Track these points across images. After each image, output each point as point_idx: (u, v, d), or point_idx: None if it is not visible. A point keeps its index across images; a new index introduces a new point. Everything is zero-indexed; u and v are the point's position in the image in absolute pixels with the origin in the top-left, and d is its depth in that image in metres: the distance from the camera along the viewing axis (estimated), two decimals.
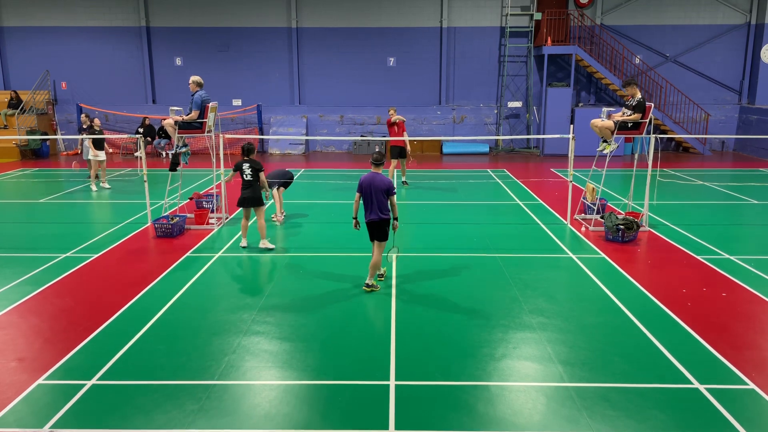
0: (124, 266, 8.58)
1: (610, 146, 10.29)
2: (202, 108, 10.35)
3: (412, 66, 21.78)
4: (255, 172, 9.08)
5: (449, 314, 6.89)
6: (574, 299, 7.32)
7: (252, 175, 9.07)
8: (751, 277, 8.05)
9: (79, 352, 5.90)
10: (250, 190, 9.11)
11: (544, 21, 20.46)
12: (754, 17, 20.92)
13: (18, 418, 4.79)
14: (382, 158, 7.46)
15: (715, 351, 5.89)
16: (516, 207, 12.47)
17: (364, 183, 7.36)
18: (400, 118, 13.85)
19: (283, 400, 5.05)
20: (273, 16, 21.48)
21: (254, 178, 9.08)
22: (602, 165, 11.13)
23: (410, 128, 21.98)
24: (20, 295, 7.40)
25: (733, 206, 12.56)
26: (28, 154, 19.98)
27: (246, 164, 9.11)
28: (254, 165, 9.11)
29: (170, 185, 11.88)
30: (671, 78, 21.15)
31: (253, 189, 9.12)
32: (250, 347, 6.02)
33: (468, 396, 5.10)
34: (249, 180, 9.08)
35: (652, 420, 4.73)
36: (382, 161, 7.47)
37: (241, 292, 7.53)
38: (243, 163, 9.14)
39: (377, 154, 7.44)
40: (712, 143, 22.00)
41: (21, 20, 21.51)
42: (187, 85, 10.83)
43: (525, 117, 22.04)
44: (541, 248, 9.49)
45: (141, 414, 4.82)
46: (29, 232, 10.67)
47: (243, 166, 9.11)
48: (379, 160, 7.42)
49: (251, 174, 9.07)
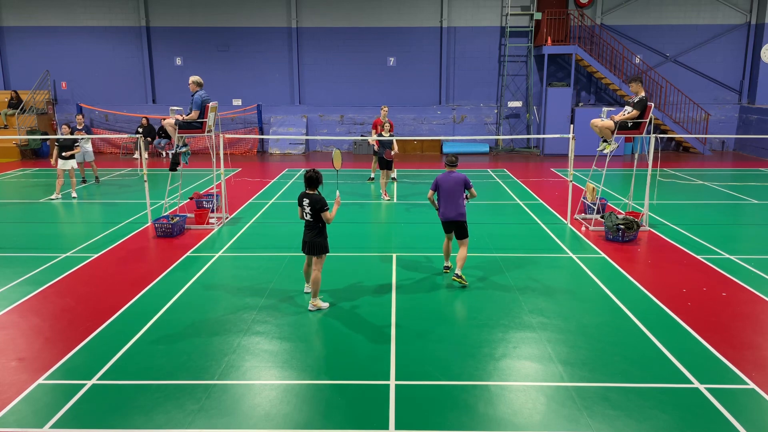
0: (124, 266, 8.58)
1: (610, 146, 10.28)
2: (202, 108, 10.36)
3: (412, 66, 21.78)
4: (316, 214, 6.74)
5: (449, 314, 6.89)
6: (574, 299, 7.32)
7: (312, 215, 6.77)
8: (751, 277, 8.05)
9: (79, 352, 5.90)
10: (309, 234, 6.86)
11: (544, 21, 20.46)
12: (754, 17, 20.92)
13: (18, 417, 4.79)
14: (456, 159, 8.03)
15: (715, 351, 5.89)
16: (516, 207, 12.47)
17: (442, 179, 7.83)
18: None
19: (283, 400, 5.05)
20: (273, 16, 21.48)
21: (314, 218, 6.78)
22: (602, 165, 11.13)
23: (410, 128, 22.03)
24: (20, 295, 7.41)
25: (733, 206, 12.55)
26: (28, 154, 19.99)
27: (306, 200, 6.78)
28: (315, 204, 6.69)
29: (170, 185, 11.89)
30: (671, 78, 21.15)
31: (312, 232, 6.84)
32: (250, 347, 6.02)
33: (468, 396, 5.10)
34: (309, 221, 6.85)
35: (652, 420, 4.73)
36: (457, 163, 8.00)
37: (241, 292, 7.53)
38: (303, 197, 6.83)
39: (453, 157, 7.99)
40: (712, 143, 22.00)
41: (21, 20, 21.51)
42: (187, 85, 10.83)
43: (525, 117, 22.04)
44: (541, 248, 9.49)
45: (141, 414, 4.83)
46: (29, 232, 10.67)
47: (303, 202, 6.82)
48: (454, 162, 7.97)
49: (311, 214, 6.77)
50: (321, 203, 6.67)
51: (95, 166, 15.28)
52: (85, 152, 14.61)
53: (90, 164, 15.04)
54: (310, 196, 6.73)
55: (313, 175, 6.74)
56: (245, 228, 10.71)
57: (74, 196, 13.35)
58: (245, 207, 12.41)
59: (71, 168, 13.41)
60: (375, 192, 13.68)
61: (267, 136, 18.11)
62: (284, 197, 13.50)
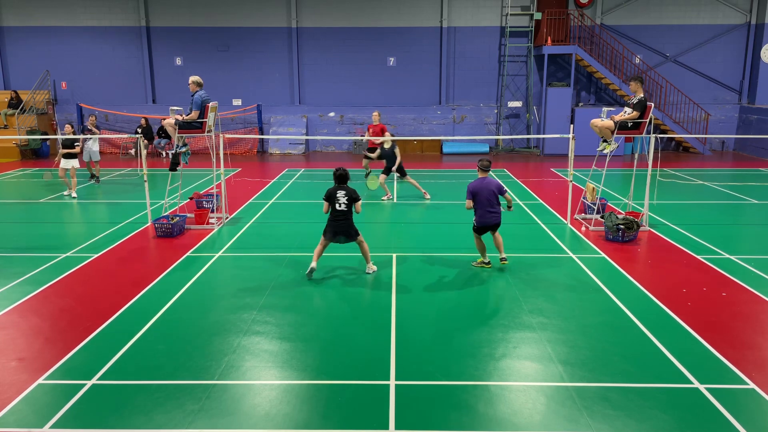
0: (124, 266, 8.58)
1: (610, 146, 10.28)
2: (202, 108, 10.36)
3: (412, 66, 21.78)
4: (351, 201, 7.89)
5: (449, 314, 6.89)
6: (574, 299, 7.32)
7: (348, 204, 7.87)
8: (751, 276, 8.05)
9: (79, 352, 5.90)
10: (344, 223, 7.90)
11: (544, 21, 20.46)
12: (754, 17, 20.92)
13: (18, 417, 4.78)
14: (490, 164, 8.17)
15: (715, 351, 5.89)
16: (516, 207, 12.45)
17: (478, 187, 7.99)
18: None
19: (283, 400, 5.05)
20: (273, 16, 21.48)
21: (350, 207, 7.92)
22: (602, 165, 11.13)
23: (410, 128, 22.03)
24: (20, 295, 7.40)
25: (733, 206, 12.55)
26: (28, 154, 19.99)
27: (341, 192, 7.87)
28: (352, 194, 7.91)
29: (170, 185, 11.89)
30: (671, 78, 21.15)
31: (347, 221, 7.92)
32: (250, 347, 6.02)
33: (468, 396, 5.10)
34: (344, 210, 7.88)
35: (653, 420, 4.73)
36: (490, 167, 8.15)
37: (241, 292, 7.53)
38: (337, 191, 7.88)
39: (486, 161, 8.13)
40: (712, 143, 22.00)
41: (21, 20, 21.51)
42: (186, 85, 10.83)
43: (525, 117, 22.04)
44: (541, 248, 9.49)
45: (141, 414, 4.82)
46: (29, 232, 10.67)
47: (338, 194, 7.86)
48: (487, 166, 8.11)
49: (347, 204, 7.87)
50: (356, 194, 7.95)
51: (98, 167, 15.41)
52: (92, 152, 14.87)
53: (95, 164, 15.20)
54: (346, 189, 7.90)
55: (344, 172, 7.96)
56: (245, 228, 10.71)
57: (74, 196, 13.37)
58: (245, 207, 12.41)
59: (72, 167, 13.46)
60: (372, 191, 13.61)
61: (267, 136, 18.12)
62: (284, 197, 13.51)
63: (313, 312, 6.95)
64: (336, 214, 7.88)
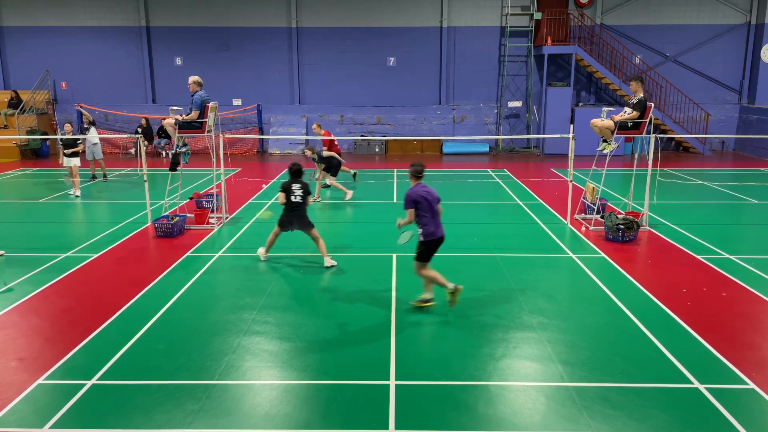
0: (124, 266, 8.58)
1: (610, 146, 10.28)
2: (202, 108, 10.36)
3: (412, 66, 21.78)
4: (305, 195, 8.55)
5: (449, 314, 6.89)
6: (574, 299, 7.32)
7: (302, 197, 8.52)
8: (751, 277, 8.05)
9: (79, 352, 5.90)
10: (297, 213, 8.54)
11: (544, 21, 20.46)
12: (754, 17, 20.92)
13: (18, 417, 4.79)
14: (423, 168, 6.90)
15: (715, 351, 5.89)
16: (516, 207, 12.47)
17: (425, 196, 6.67)
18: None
19: (283, 400, 5.05)
20: (273, 16, 21.48)
21: (304, 200, 8.54)
22: (602, 165, 11.13)
23: (410, 128, 22.04)
24: (20, 295, 7.40)
25: (733, 206, 12.55)
26: (28, 154, 19.99)
27: (297, 185, 8.53)
28: (306, 188, 8.59)
29: (170, 185, 11.89)
30: (671, 78, 21.15)
31: (300, 211, 8.57)
32: (250, 347, 6.02)
33: (468, 396, 5.10)
34: (299, 202, 8.52)
35: (653, 420, 4.73)
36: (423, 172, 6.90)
37: (241, 292, 7.53)
38: (293, 184, 8.54)
39: (420, 167, 6.87)
40: (712, 143, 22.00)
41: (21, 20, 21.51)
42: (186, 85, 10.83)
43: (525, 117, 22.04)
44: (541, 248, 9.49)
45: (141, 414, 4.82)
46: (29, 232, 10.67)
47: (293, 187, 8.51)
48: (421, 172, 6.86)
49: (302, 197, 8.52)
50: (309, 188, 8.63)
51: (103, 164, 15.52)
52: (94, 150, 14.93)
53: (99, 162, 15.23)
54: (301, 183, 8.57)
55: (299, 168, 8.67)
56: (245, 228, 10.71)
57: (77, 195, 13.45)
58: (245, 207, 12.41)
59: (74, 166, 13.63)
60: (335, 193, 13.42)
61: (267, 136, 18.12)
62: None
63: (313, 312, 6.95)
64: (291, 205, 8.52)
